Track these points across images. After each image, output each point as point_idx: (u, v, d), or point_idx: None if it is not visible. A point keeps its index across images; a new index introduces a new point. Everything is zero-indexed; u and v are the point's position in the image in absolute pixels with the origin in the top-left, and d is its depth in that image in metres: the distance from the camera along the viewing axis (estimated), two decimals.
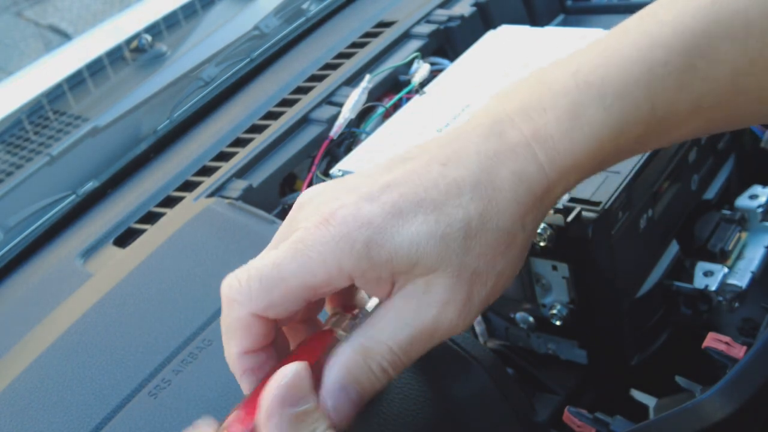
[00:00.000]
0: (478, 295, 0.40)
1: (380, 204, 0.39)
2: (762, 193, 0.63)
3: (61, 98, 0.97)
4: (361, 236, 0.38)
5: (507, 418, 0.52)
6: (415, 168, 0.40)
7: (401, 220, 0.38)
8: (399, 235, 0.38)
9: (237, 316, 0.39)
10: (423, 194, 0.39)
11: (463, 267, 0.39)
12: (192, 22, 1.07)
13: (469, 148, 0.41)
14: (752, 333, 0.62)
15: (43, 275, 0.69)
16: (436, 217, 0.39)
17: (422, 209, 0.39)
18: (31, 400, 0.55)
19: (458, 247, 0.39)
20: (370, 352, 0.39)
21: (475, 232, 0.39)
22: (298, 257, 0.38)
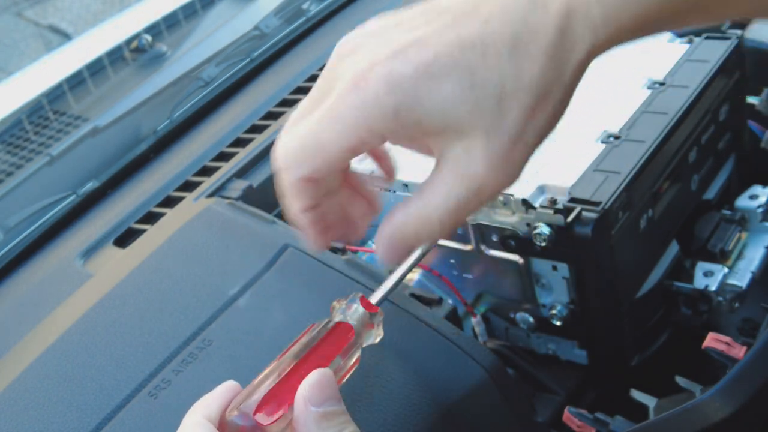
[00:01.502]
0: (520, 153, 0.40)
1: (413, 64, 0.38)
2: (762, 193, 0.63)
3: (61, 98, 0.97)
4: (390, 101, 0.38)
5: (507, 418, 0.52)
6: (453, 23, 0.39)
7: (432, 83, 0.38)
8: (429, 100, 0.38)
9: (288, 181, 0.42)
10: (459, 55, 0.38)
11: (500, 128, 0.39)
12: (192, 22, 1.07)
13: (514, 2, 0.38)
14: (752, 333, 0.62)
15: (44, 275, 0.69)
16: (470, 80, 0.38)
17: (456, 72, 0.38)
18: (32, 400, 0.55)
19: (492, 111, 0.39)
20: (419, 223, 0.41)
21: (511, 94, 0.39)
22: (332, 125, 0.39)
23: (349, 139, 0.39)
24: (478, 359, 0.52)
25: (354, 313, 0.45)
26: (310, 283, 0.56)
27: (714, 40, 0.65)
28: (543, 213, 0.53)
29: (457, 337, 0.53)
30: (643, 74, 0.64)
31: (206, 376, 0.52)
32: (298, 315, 0.55)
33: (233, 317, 0.55)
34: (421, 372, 0.51)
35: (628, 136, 0.58)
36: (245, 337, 0.54)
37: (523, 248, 0.55)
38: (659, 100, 0.61)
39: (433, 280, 0.60)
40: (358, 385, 0.51)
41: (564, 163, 0.57)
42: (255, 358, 0.53)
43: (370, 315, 0.45)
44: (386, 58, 0.38)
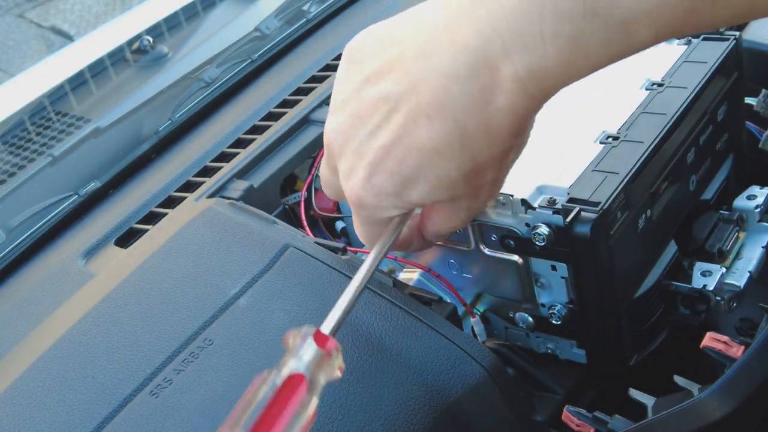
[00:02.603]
0: (495, 187, 0.48)
1: (388, 176, 0.45)
2: (760, 193, 0.63)
3: (63, 99, 0.97)
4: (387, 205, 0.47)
5: (506, 417, 0.52)
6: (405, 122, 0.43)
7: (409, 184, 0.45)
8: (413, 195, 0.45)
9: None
10: (417, 157, 0.43)
11: (475, 188, 0.46)
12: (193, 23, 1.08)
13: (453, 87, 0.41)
14: (750, 333, 0.62)
15: (45, 275, 0.70)
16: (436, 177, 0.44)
17: (422, 173, 0.44)
18: (33, 400, 0.55)
19: (463, 185, 0.45)
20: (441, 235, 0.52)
21: (471, 171, 0.44)
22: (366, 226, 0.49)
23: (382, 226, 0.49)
24: (477, 359, 0.52)
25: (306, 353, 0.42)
26: (310, 283, 0.56)
27: (712, 41, 0.66)
28: (542, 213, 0.53)
29: (457, 337, 0.53)
30: (642, 75, 0.64)
31: (207, 376, 0.52)
32: (299, 315, 0.55)
33: (234, 317, 0.56)
34: (420, 372, 0.51)
35: (627, 137, 0.58)
36: (246, 337, 0.54)
37: (522, 248, 0.56)
38: (657, 100, 0.61)
39: (432, 280, 0.60)
40: (357, 385, 0.51)
41: (563, 163, 0.57)
42: (256, 357, 0.53)
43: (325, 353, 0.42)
44: (365, 176, 0.46)
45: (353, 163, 0.46)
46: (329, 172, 0.51)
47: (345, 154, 0.47)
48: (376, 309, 0.54)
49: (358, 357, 0.52)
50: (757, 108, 0.68)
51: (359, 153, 0.46)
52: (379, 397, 0.50)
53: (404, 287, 0.57)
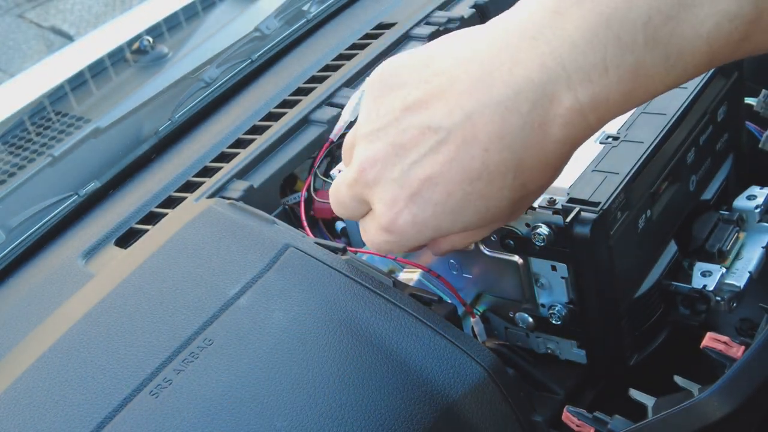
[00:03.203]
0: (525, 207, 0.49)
1: (431, 206, 0.44)
2: (760, 193, 0.63)
3: (63, 99, 0.97)
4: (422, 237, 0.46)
5: (506, 417, 0.52)
6: (457, 154, 0.42)
7: (452, 216, 0.44)
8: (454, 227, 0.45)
9: None
10: (469, 188, 0.43)
11: (512, 213, 0.46)
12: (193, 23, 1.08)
13: (514, 121, 0.41)
14: (750, 333, 0.62)
15: (45, 276, 0.70)
16: (485, 206, 0.44)
17: (469, 204, 0.43)
18: (33, 400, 0.55)
19: (507, 212, 0.45)
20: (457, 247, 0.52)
21: (519, 199, 0.44)
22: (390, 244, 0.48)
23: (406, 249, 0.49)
24: (477, 359, 0.52)
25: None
26: (310, 283, 0.56)
27: None
28: (542, 213, 0.53)
29: (457, 337, 0.53)
30: None
31: (207, 376, 0.52)
32: (299, 315, 0.55)
33: (234, 317, 0.56)
34: (420, 372, 0.51)
35: (627, 137, 0.58)
36: (246, 337, 0.54)
37: (522, 248, 0.56)
38: (657, 100, 0.61)
39: (432, 280, 0.60)
40: (357, 385, 0.51)
41: None
42: (256, 357, 0.53)
43: None
44: (406, 204, 0.44)
45: (394, 194, 0.45)
46: (354, 201, 0.48)
47: (383, 183, 0.45)
48: (376, 309, 0.54)
49: (357, 357, 0.52)
50: (757, 108, 0.68)
51: (401, 183, 0.44)
52: (379, 398, 0.50)
53: (404, 287, 0.57)
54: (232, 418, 0.50)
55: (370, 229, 0.49)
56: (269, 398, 0.50)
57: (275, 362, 0.52)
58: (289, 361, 0.52)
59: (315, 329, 0.54)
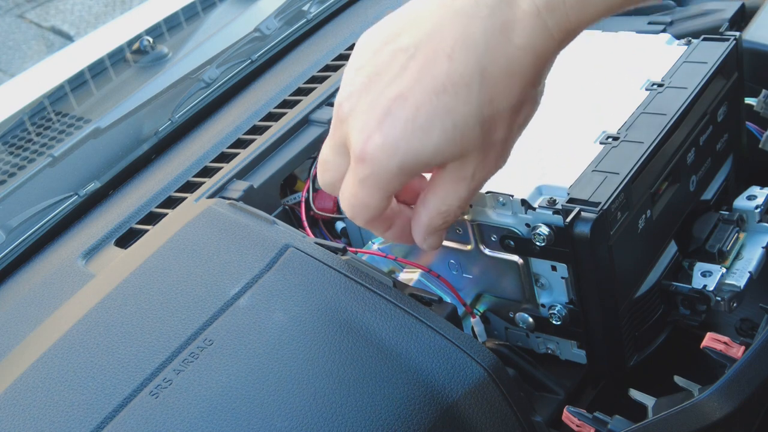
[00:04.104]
0: (508, 149, 0.48)
1: (401, 124, 0.44)
2: (760, 193, 0.63)
3: (63, 100, 0.97)
4: (393, 163, 0.45)
5: (506, 417, 0.52)
6: (423, 66, 0.43)
7: (421, 134, 0.44)
8: (423, 148, 0.44)
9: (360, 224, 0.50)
10: (436, 102, 0.43)
11: (487, 143, 0.45)
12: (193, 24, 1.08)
13: (475, 26, 0.42)
14: (750, 333, 0.62)
15: (45, 276, 0.70)
16: (452, 121, 0.43)
17: (438, 118, 0.43)
18: (34, 400, 0.55)
19: (478, 136, 0.44)
20: (443, 214, 0.49)
21: (490, 117, 0.44)
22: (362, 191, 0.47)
23: (378, 194, 0.47)
24: (477, 359, 0.52)
25: None
26: (310, 283, 0.56)
27: (712, 42, 0.66)
28: (542, 213, 0.53)
29: (457, 338, 0.53)
30: (642, 75, 0.64)
31: (207, 376, 0.52)
32: (299, 315, 0.55)
33: (234, 317, 0.56)
34: (420, 372, 0.51)
35: (627, 137, 0.58)
36: (246, 337, 0.54)
37: (523, 248, 0.56)
38: (657, 101, 0.61)
39: (432, 280, 0.60)
40: (357, 385, 0.51)
41: (563, 163, 0.57)
42: (256, 357, 0.53)
43: None
44: (378, 125, 0.44)
45: (365, 119, 0.45)
46: (333, 153, 0.49)
47: (356, 113, 0.46)
48: (376, 309, 0.54)
49: (357, 357, 0.52)
50: (757, 108, 0.68)
51: (373, 107, 0.45)
52: (379, 398, 0.50)
53: (404, 287, 0.57)
54: (232, 419, 0.50)
55: (346, 183, 0.48)
56: (269, 398, 0.50)
57: (275, 362, 0.52)
58: (289, 362, 0.52)
59: (315, 329, 0.54)
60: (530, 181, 0.55)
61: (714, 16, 0.78)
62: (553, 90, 0.65)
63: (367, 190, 0.47)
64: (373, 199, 0.47)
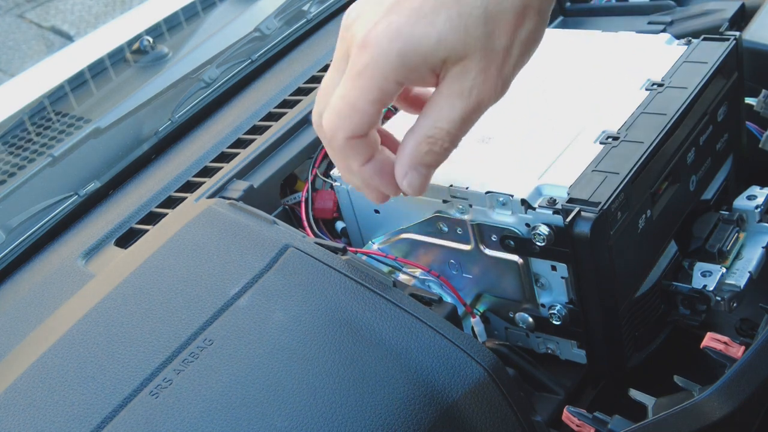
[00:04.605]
0: (507, 65, 0.46)
1: (406, 11, 0.44)
2: (760, 193, 0.63)
3: (63, 99, 0.97)
4: (394, 48, 0.44)
5: (506, 417, 0.52)
6: None
7: (426, 21, 0.44)
8: (426, 37, 0.44)
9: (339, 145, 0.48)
10: None
11: (489, 48, 0.45)
12: (193, 23, 1.08)
13: None
14: (750, 333, 0.62)
15: (45, 276, 0.70)
16: (457, 10, 0.43)
17: (443, 6, 0.44)
18: (34, 400, 0.55)
19: (481, 34, 0.44)
20: (432, 139, 0.47)
21: (494, 15, 0.44)
22: (355, 84, 0.45)
23: (373, 92, 0.45)
24: (477, 359, 0.52)
25: None
26: (310, 283, 0.56)
27: (712, 42, 0.66)
28: (542, 213, 0.53)
29: (457, 338, 0.53)
30: (642, 75, 0.64)
31: (207, 376, 0.52)
32: (299, 315, 0.55)
33: (234, 317, 0.56)
34: (420, 372, 0.51)
35: (627, 137, 0.58)
36: (246, 337, 0.54)
37: (522, 248, 0.56)
38: (657, 100, 0.61)
39: (432, 280, 0.60)
40: (357, 385, 0.51)
41: (563, 163, 0.57)
42: (256, 357, 0.53)
43: None
44: (383, 16, 0.44)
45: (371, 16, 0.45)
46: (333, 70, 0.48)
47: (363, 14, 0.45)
48: (376, 309, 0.54)
49: (357, 357, 0.52)
50: (757, 108, 0.68)
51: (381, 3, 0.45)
52: (379, 398, 0.50)
53: (404, 287, 0.57)
54: (233, 418, 0.50)
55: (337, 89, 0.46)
56: (269, 398, 0.50)
57: (275, 362, 0.52)
58: (289, 362, 0.52)
59: (315, 329, 0.54)
60: (530, 181, 0.55)
61: (714, 16, 0.78)
62: (553, 90, 0.65)
63: (362, 84, 0.45)
64: (366, 98, 0.45)
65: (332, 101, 0.47)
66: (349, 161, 0.49)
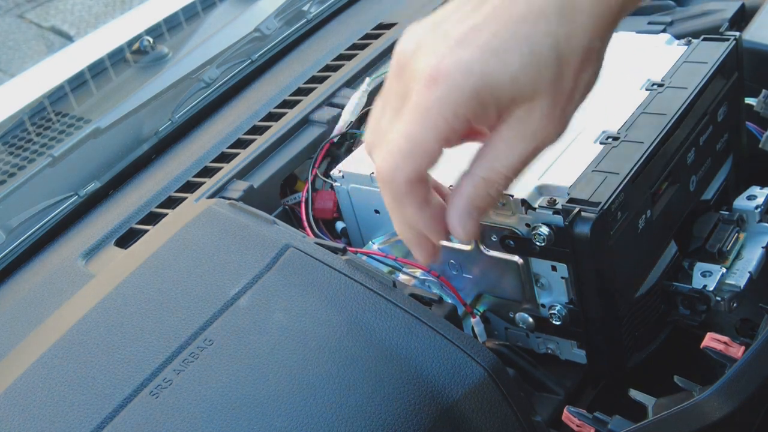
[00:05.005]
0: (570, 107, 0.45)
1: (478, 47, 0.42)
2: (760, 194, 0.63)
3: (63, 100, 0.97)
4: (468, 84, 0.42)
5: (506, 417, 0.52)
6: (500, 3, 0.43)
7: (498, 58, 0.42)
8: (500, 73, 0.42)
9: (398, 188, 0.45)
10: (514, 28, 0.42)
11: (557, 90, 0.43)
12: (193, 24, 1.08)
13: None
14: (750, 333, 0.62)
15: (45, 276, 0.70)
16: (529, 48, 0.42)
17: (516, 42, 0.42)
18: (34, 400, 0.55)
19: (552, 75, 0.43)
20: (489, 182, 0.45)
21: (564, 55, 0.43)
22: (424, 121, 0.43)
23: (441, 130, 0.43)
24: (477, 359, 0.52)
25: None
26: (310, 283, 0.56)
27: (712, 42, 0.66)
28: (542, 213, 0.53)
29: (457, 338, 0.53)
30: (642, 75, 0.64)
31: (207, 376, 0.52)
32: (299, 315, 0.55)
33: (234, 317, 0.56)
34: (420, 372, 0.51)
35: (627, 137, 0.58)
36: (246, 337, 0.54)
37: (523, 248, 0.56)
38: (658, 101, 0.61)
39: (432, 280, 0.60)
40: (357, 385, 0.51)
41: (563, 163, 0.57)
42: (256, 357, 0.53)
43: None
44: (451, 50, 0.42)
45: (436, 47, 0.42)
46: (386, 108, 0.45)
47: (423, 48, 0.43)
48: (376, 309, 0.54)
49: (357, 357, 0.52)
50: (757, 108, 0.68)
51: (445, 38, 0.42)
52: (379, 398, 0.50)
53: (404, 287, 0.57)
54: (232, 419, 0.50)
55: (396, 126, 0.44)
56: (269, 398, 0.50)
57: (275, 362, 0.52)
58: (289, 362, 0.52)
59: (315, 329, 0.54)
60: (530, 181, 0.55)
61: (714, 16, 0.78)
62: None
63: (430, 120, 0.42)
64: (433, 135, 0.43)
65: (392, 139, 0.44)
66: (407, 208, 0.46)
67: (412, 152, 0.43)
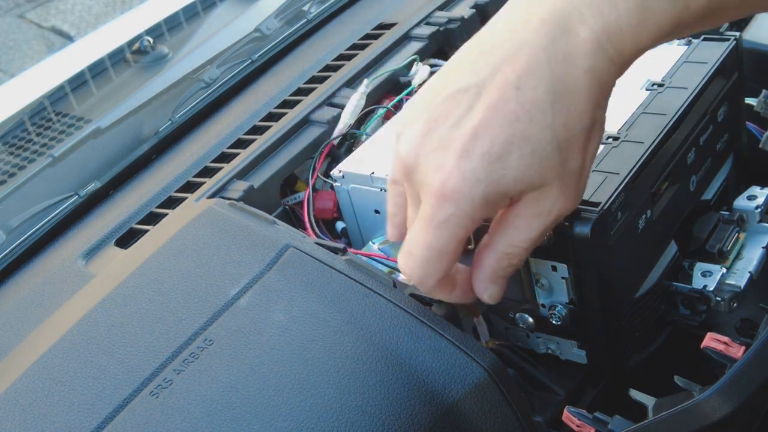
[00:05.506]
0: (583, 179, 0.47)
1: (479, 157, 0.44)
2: (760, 194, 0.63)
3: (64, 100, 0.97)
4: (477, 194, 0.44)
5: (506, 417, 0.52)
6: (492, 102, 0.44)
7: (501, 163, 0.44)
8: (505, 177, 0.44)
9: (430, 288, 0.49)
10: (510, 131, 0.43)
11: (564, 172, 0.45)
12: (193, 24, 1.08)
13: (538, 56, 0.43)
14: (750, 333, 0.62)
15: (45, 276, 0.70)
16: (530, 147, 0.44)
17: (515, 146, 0.43)
18: (34, 400, 0.55)
19: (556, 163, 0.44)
20: (510, 256, 0.48)
21: (564, 142, 0.44)
22: (442, 233, 0.46)
23: (459, 236, 0.46)
24: (478, 359, 0.52)
25: None
26: (310, 283, 0.56)
27: (712, 42, 0.66)
28: None
29: (457, 338, 0.53)
30: (642, 75, 0.64)
31: (208, 376, 0.52)
32: (299, 315, 0.55)
33: (234, 317, 0.56)
34: (421, 372, 0.51)
35: (627, 137, 0.58)
36: (246, 337, 0.54)
37: None
38: (658, 101, 0.61)
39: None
40: (357, 385, 0.51)
41: None
42: (256, 358, 0.53)
43: None
44: (455, 164, 0.44)
45: (438, 160, 0.44)
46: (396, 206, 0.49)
47: (424, 158, 0.45)
48: (377, 309, 0.54)
49: (357, 357, 0.52)
50: (757, 108, 0.68)
51: (445, 146, 0.44)
52: (379, 398, 0.50)
53: (404, 287, 0.57)
54: (233, 419, 0.50)
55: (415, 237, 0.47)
56: (269, 399, 0.50)
57: (275, 363, 0.52)
58: (290, 362, 0.52)
59: (315, 330, 0.54)
60: None
61: None
62: None
63: (448, 232, 0.46)
64: (451, 242, 0.46)
65: (416, 252, 0.47)
66: (438, 296, 0.52)
67: (438, 259, 0.47)
